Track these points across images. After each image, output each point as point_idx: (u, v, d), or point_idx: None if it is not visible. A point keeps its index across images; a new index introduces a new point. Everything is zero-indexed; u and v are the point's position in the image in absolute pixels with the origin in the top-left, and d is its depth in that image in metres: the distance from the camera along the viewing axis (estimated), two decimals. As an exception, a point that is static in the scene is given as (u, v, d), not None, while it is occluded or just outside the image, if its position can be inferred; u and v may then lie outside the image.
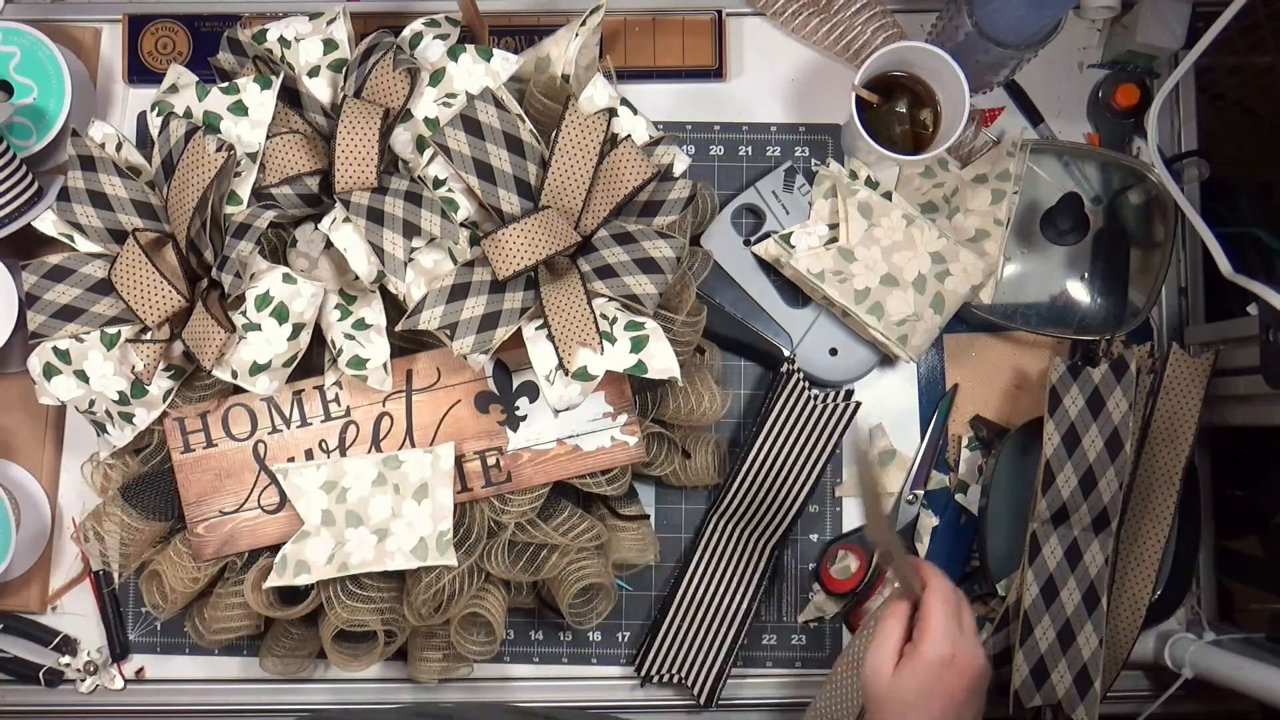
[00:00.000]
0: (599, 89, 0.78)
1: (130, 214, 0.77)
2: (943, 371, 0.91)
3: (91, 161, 0.77)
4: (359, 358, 0.76)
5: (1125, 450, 0.82)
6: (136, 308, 0.75)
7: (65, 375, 0.77)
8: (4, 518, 0.83)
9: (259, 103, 0.77)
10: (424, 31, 0.79)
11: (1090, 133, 0.92)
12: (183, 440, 0.80)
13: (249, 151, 0.76)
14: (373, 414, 0.80)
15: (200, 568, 0.80)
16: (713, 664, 0.85)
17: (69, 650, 0.88)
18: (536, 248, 0.74)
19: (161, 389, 0.78)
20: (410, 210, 0.75)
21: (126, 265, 0.75)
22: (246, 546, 0.80)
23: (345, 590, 0.78)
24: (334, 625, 0.78)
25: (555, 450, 0.81)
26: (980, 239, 0.86)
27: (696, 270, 0.83)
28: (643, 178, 0.76)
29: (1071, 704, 0.82)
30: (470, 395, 0.81)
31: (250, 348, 0.74)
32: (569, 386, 0.72)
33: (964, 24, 0.81)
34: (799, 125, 0.92)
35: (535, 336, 0.74)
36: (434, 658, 0.83)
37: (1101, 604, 0.82)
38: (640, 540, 0.84)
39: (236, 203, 0.76)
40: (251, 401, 0.80)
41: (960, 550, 0.89)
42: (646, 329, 0.73)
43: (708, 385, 0.83)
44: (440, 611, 0.79)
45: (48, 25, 0.89)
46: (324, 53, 0.78)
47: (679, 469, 0.84)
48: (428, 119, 0.76)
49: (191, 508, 0.80)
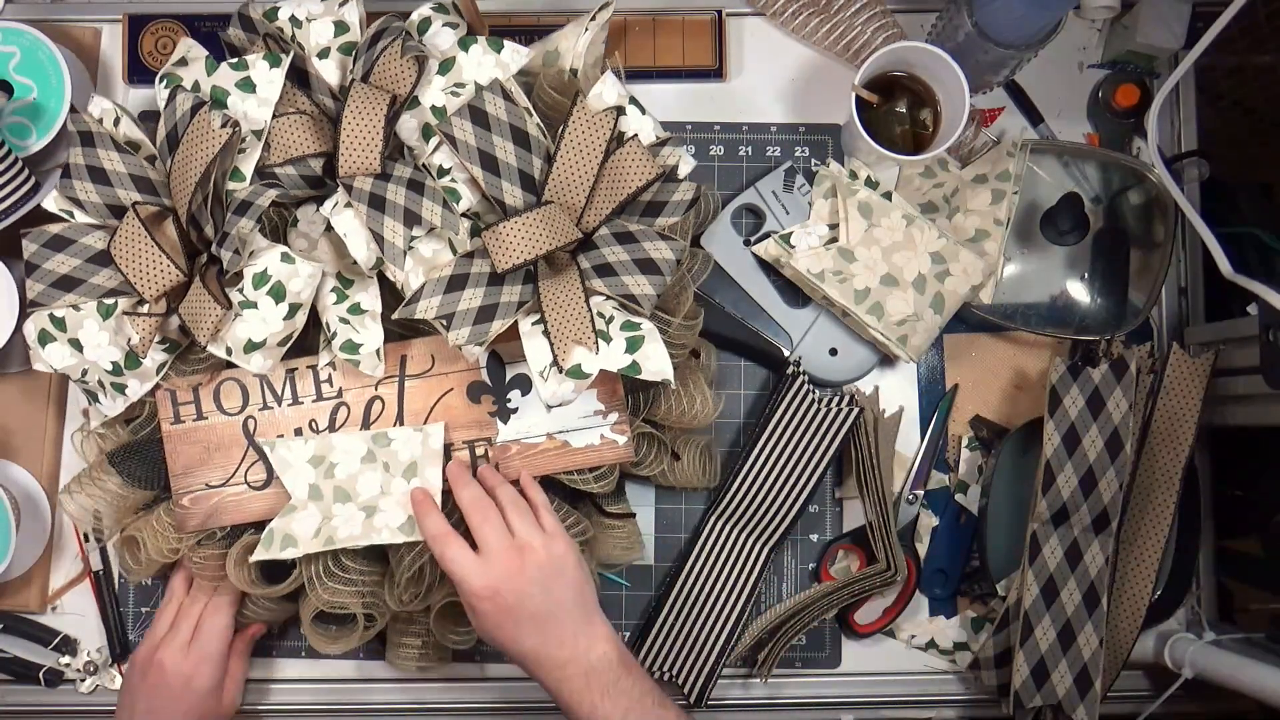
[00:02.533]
0: (608, 86, 0.78)
1: (129, 189, 0.76)
2: (943, 371, 0.91)
3: (90, 137, 0.77)
4: (352, 342, 0.76)
5: (1125, 450, 0.82)
6: (135, 281, 0.74)
7: (60, 343, 0.77)
8: (4, 518, 0.83)
9: (267, 80, 0.76)
10: (432, 17, 0.78)
11: (1090, 133, 0.92)
12: (173, 411, 0.80)
13: (254, 129, 0.76)
14: (364, 397, 0.80)
15: (181, 539, 0.80)
16: (704, 663, 0.85)
17: (69, 650, 0.88)
18: (537, 242, 0.74)
19: (156, 362, 0.77)
20: (412, 199, 0.74)
21: (126, 238, 0.75)
22: (230, 521, 0.80)
23: (327, 571, 0.78)
24: (314, 606, 0.78)
25: (544, 445, 0.81)
26: (980, 239, 0.86)
27: (696, 273, 0.83)
28: (647, 178, 0.76)
29: (1072, 704, 0.82)
30: (463, 384, 0.81)
31: (246, 325, 0.74)
32: (562, 383, 0.72)
33: (964, 24, 0.81)
34: (799, 125, 0.92)
35: (531, 331, 0.74)
36: (413, 644, 0.83)
37: (1102, 604, 0.82)
38: (626, 539, 0.84)
39: (239, 179, 0.76)
40: (244, 377, 0.80)
41: (960, 550, 0.89)
42: (642, 330, 0.73)
43: (700, 388, 0.83)
44: (421, 598, 0.79)
45: (48, 25, 0.89)
46: (334, 35, 0.78)
47: (667, 470, 0.84)
48: (435, 107, 0.76)
49: (178, 479, 0.80)
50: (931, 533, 0.89)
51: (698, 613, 0.86)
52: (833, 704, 0.89)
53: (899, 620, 0.88)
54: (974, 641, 0.89)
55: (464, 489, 0.76)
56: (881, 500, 0.85)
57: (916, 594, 0.88)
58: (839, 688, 0.89)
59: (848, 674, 0.89)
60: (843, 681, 0.89)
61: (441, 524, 0.74)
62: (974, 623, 0.89)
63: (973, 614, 0.89)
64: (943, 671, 0.90)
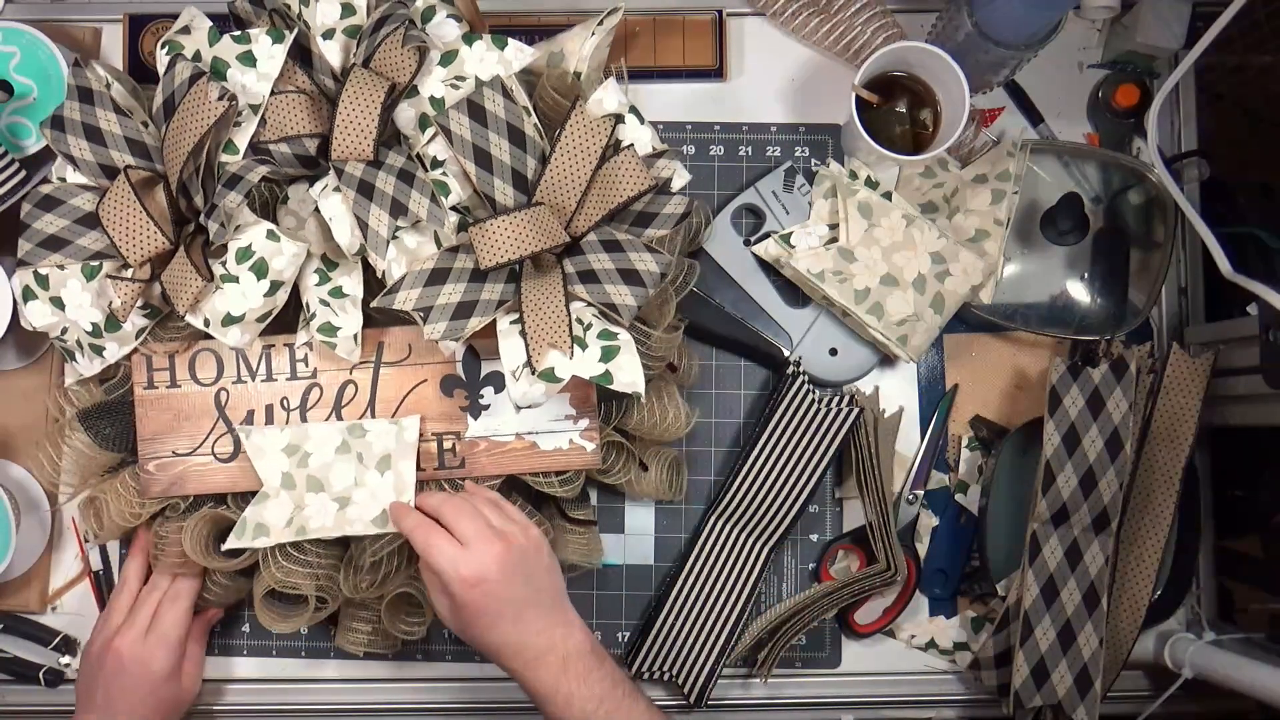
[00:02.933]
0: (609, 93, 0.78)
1: (123, 151, 0.76)
2: (943, 371, 0.91)
3: (90, 94, 0.77)
4: (331, 325, 0.76)
5: (1125, 450, 0.82)
6: (120, 245, 0.74)
7: (41, 301, 0.77)
8: (4, 518, 0.83)
9: (268, 56, 0.76)
10: (436, 6, 0.78)
11: (1090, 133, 0.92)
12: (147, 376, 0.80)
13: (252, 103, 0.76)
14: (338, 380, 0.80)
15: (143, 504, 0.80)
16: (704, 663, 0.85)
17: (69, 650, 0.87)
18: (523, 242, 0.74)
19: (135, 326, 0.77)
20: (400, 189, 0.74)
21: (115, 202, 0.75)
22: (194, 490, 0.80)
23: (283, 551, 0.78)
24: (266, 583, 0.78)
25: (513, 444, 0.81)
26: (980, 239, 0.86)
27: (681, 284, 0.83)
28: (639, 188, 0.75)
29: (1072, 704, 0.82)
30: (437, 377, 0.81)
31: (225, 298, 0.74)
32: (534, 385, 0.72)
33: (964, 24, 0.81)
34: (799, 125, 0.92)
35: (508, 330, 0.74)
36: (362, 629, 0.83)
37: (1101, 604, 0.82)
38: (585, 545, 0.84)
39: (233, 152, 0.76)
40: (220, 349, 0.80)
41: (960, 550, 0.89)
42: (619, 340, 0.73)
43: (674, 402, 0.82)
44: (377, 586, 0.79)
45: (48, 25, 0.89)
46: (340, 16, 0.78)
47: (634, 480, 0.84)
48: (433, 98, 0.76)
49: (146, 444, 0.80)
50: (931, 533, 0.89)
51: (698, 613, 0.86)
52: (833, 704, 0.89)
53: (899, 620, 0.88)
54: (974, 641, 0.89)
55: (429, 496, 0.76)
56: (881, 500, 0.85)
57: (916, 594, 0.88)
58: (839, 688, 0.89)
59: (848, 674, 0.89)
60: (843, 681, 0.89)
61: (421, 516, 0.74)
62: (974, 623, 0.89)
63: (973, 614, 0.89)
64: (943, 671, 0.90)
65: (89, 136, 0.76)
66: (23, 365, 0.88)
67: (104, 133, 0.76)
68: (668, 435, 0.83)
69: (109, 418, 0.81)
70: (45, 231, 0.76)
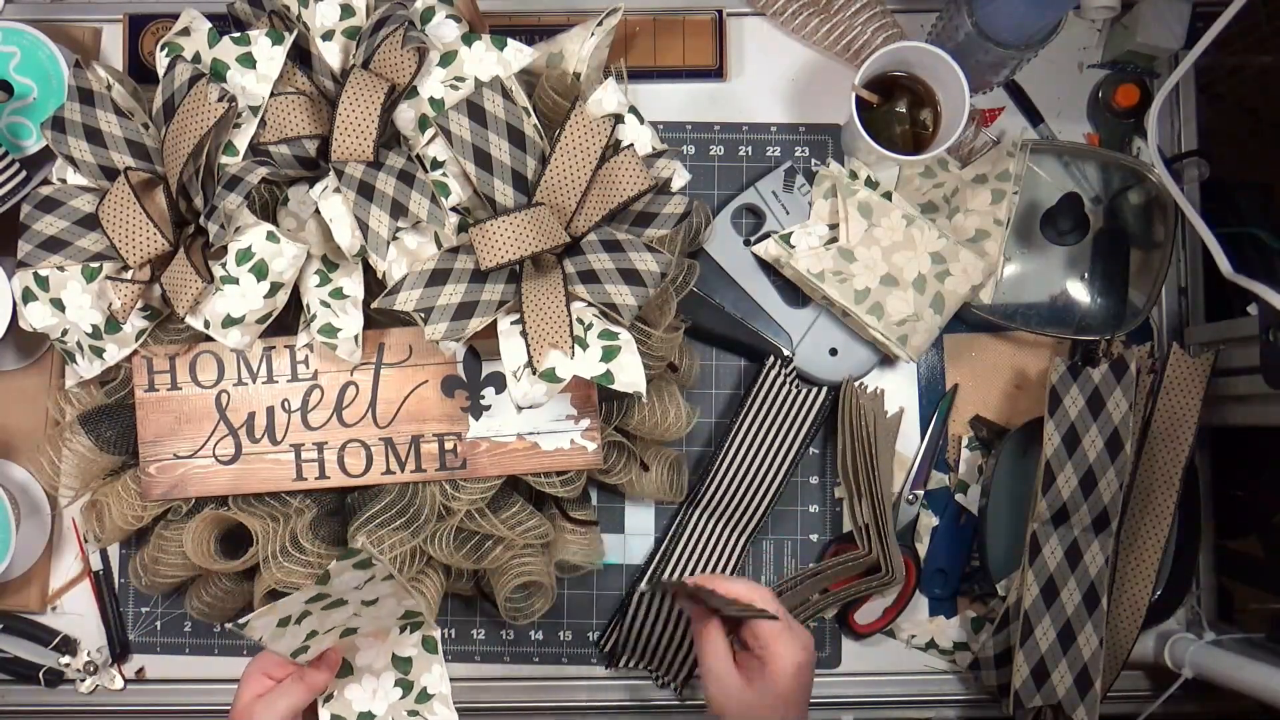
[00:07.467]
0: (609, 93, 0.78)
1: (123, 153, 0.77)
2: (943, 371, 0.91)
3: (90, 96, 0.77)
4: (332, 326, 0.76)
5: (1125, 450, 0.82)
6: (120, 247, 0.75)
7: (41, 302, 0.77)
8: (4, 518, 0.83)
9: (268, 57, 0.76)
10: (436, 7, 0.78)
11: (1090, 133, 0.92)
12: (148, 378, 0.80)
13: (251, 105, 0.76)
14: (339, 381, 0.81)
15: (145, 506, 0.80)
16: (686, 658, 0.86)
17: (69, 650, 0.88)
18: (523, 243, 0.74)
19: (135, 328, 0.78)
20: (401, 190, 0.74)
21: (115, 204, 0.75)
22: (195, 493, 0.80)
23: (284, 551, 0.78)
24: (267, 584, 0.78)
25: (514, 445, 0.81)
26: (980, 239, 0.86)
27: (681, 283, 0.83)
28: (639, 188, 0.75)
29: (1072, 704, 0.82)
30: (438, 377, 0.81)
31: (225, 300, 0.74)
32: (535, 385, 0.72)
33: (964, 24, 0.81)
34: (799, 125, 0.92)
35: (509, 331, 0.74)
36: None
37: (1101, 604, 0.82)
38: (586, 545, 0.84)
39: (233, 154, 0.76)
40: (221, 350, 0.81)
41: (960, 550, 0.89)
42: (620, 340, 0.73)
43: (675, 401, 0.82)
44: None
45: (48, 25, 0.89)
46: (340, 17, 0.78)
47: (635, 480, 0.84)
48: (433, 99, 0.76)
49: (147, 446, 0.80)
50: (931, 533, 0.89)
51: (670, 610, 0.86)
52: (833, 704, 0.89)
53: (899, 620, 0.88)
54: (974, 641, 0.89)
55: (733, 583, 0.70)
56: (880, 502, 0.84)
57: (916, 594, 0.88)
58: (839, 688, 0.89)
59: (848, 674, 0.89)
60: (843, 681, 0.89)
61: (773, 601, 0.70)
62: (974, 623, 0.89)
63: (973, 614, 0.89)
64: (943, 671, 0.90)
65: (89, 138, 0.76)
66: (22, 366, 0.88)
67: (104, 134, 0.76)
68: (669, 435, 0.83)
69: (110, 420, 0.81)
70: (45, 233, 0.76)
